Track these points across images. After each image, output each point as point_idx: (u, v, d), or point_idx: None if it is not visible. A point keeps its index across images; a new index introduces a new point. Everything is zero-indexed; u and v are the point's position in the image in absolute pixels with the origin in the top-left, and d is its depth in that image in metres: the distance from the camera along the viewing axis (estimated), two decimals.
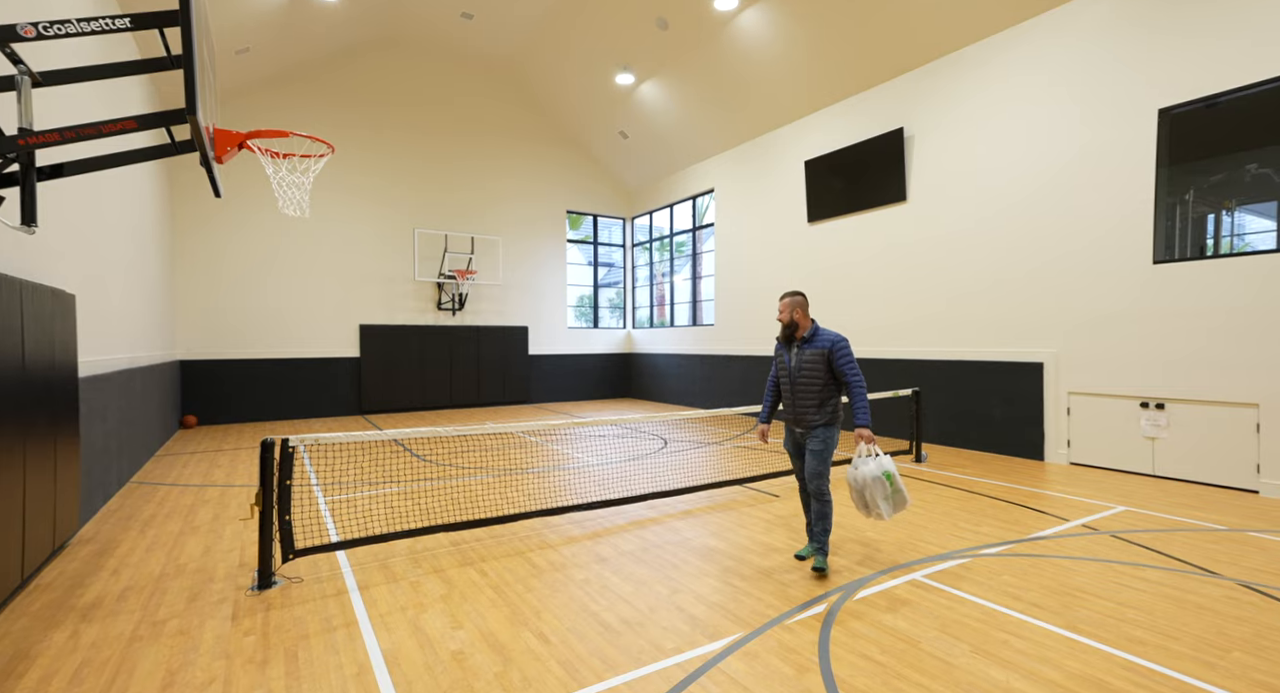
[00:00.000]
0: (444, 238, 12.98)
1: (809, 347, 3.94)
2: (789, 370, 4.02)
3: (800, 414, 3.95)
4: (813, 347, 3.93)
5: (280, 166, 3.56)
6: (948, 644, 2.89)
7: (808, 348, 3.94)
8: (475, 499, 5.55)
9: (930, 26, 8.02)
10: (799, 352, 3.97)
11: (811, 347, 3.93)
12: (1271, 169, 6.32)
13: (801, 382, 3.93)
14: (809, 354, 3.92)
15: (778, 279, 11.06)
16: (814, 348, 3.92)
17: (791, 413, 4.02)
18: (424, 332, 12.90)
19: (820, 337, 3.93)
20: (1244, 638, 2.93)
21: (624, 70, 11.80)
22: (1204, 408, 5.96)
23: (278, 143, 3.66)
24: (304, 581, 3.67)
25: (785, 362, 4.06)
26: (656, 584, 3.67)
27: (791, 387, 3.98)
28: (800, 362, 3.95)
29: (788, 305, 4.01)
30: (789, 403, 4.03)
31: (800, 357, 3.95)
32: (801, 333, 3.96)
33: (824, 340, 3.91)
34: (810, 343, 3.95)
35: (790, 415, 4.04)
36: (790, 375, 3.99)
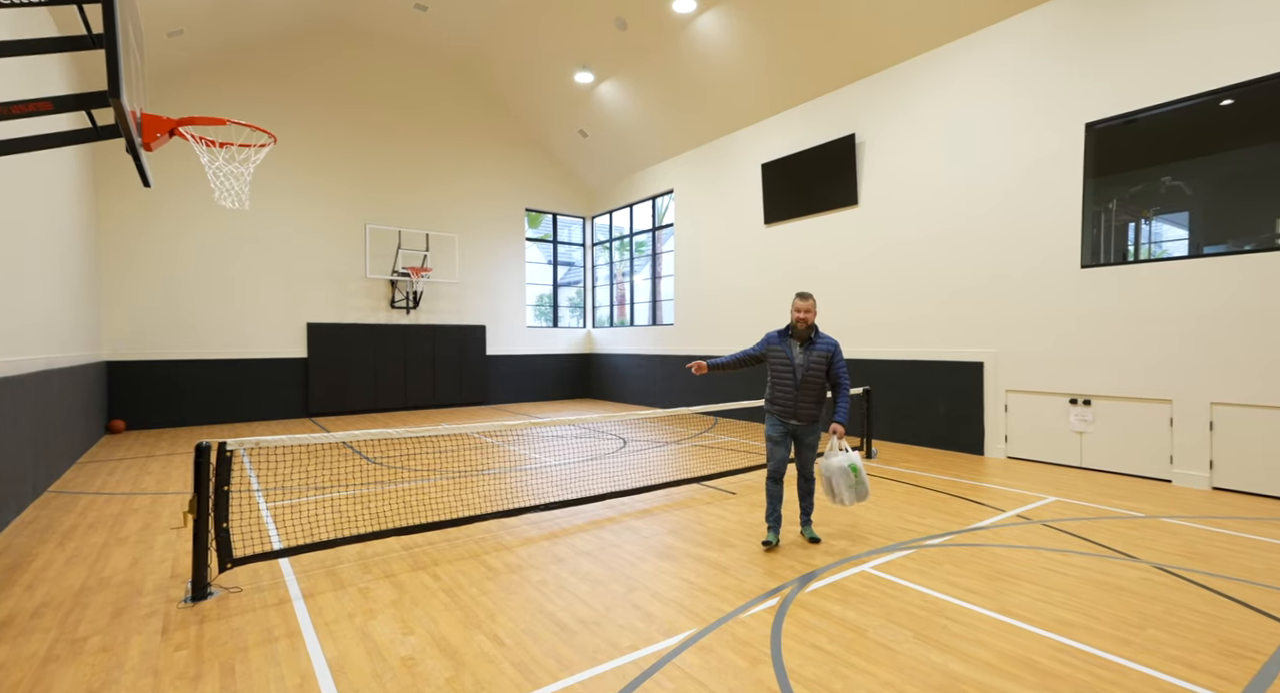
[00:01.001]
0: (397, 234, 12.61)
1: (816, 347, 4.18)
2: (792, 366, 4.17)
3: (801, 408, 4.18)
4: (819, 348, 4.18)
5: (217, 156, 3.38)
6: (892, 632, 3.00)
7: (815, 349, 4.17)
8: (429, 502, 5.42)
9: (880, 37, 8.31)
10: (807, 351, 4.17)
11: (818, 347, 4.18)
12: (1183, 182, 6.84)
13: (808, 379, 4.15)
14: (816, 355, 4.15)
15: (736, 280, 11.24)
16: (820, 349, 4.17)
17: (791, 406, 4.18)
18: (376, 331, 12.50)
19: (823, 339, 4.23)
20: (1157, 616, 3.15)
21: (583, 69, 11.76)
22: (1125, 404, 6.39)
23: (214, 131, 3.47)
24: (243, 590, 3.50)
25: (788, 356, 4.19)
26: (613, 583, 3.67)
27: (795, 382, 4.16)
28: (808, 360, 4.15)
29: (814, 307, 4.20)
30: (789, 396, 4.18)
31: (808, 356, 4.16)
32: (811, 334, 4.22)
33: (827, 343, 4.21)
34: (816, 344, 4.19)
35: (789, 408, 4.19)
36: (794, 371, 4.17)
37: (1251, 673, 2.61)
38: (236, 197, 3.61)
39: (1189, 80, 5.96)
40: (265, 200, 11.38)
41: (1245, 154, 6.61)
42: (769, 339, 4.32)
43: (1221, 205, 6.75)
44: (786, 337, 4.26)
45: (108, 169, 10.04)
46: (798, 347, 4.20)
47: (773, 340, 4.28)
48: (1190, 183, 6.80)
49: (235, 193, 3.59)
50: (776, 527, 4.28)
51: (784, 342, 4.24)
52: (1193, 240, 6.74)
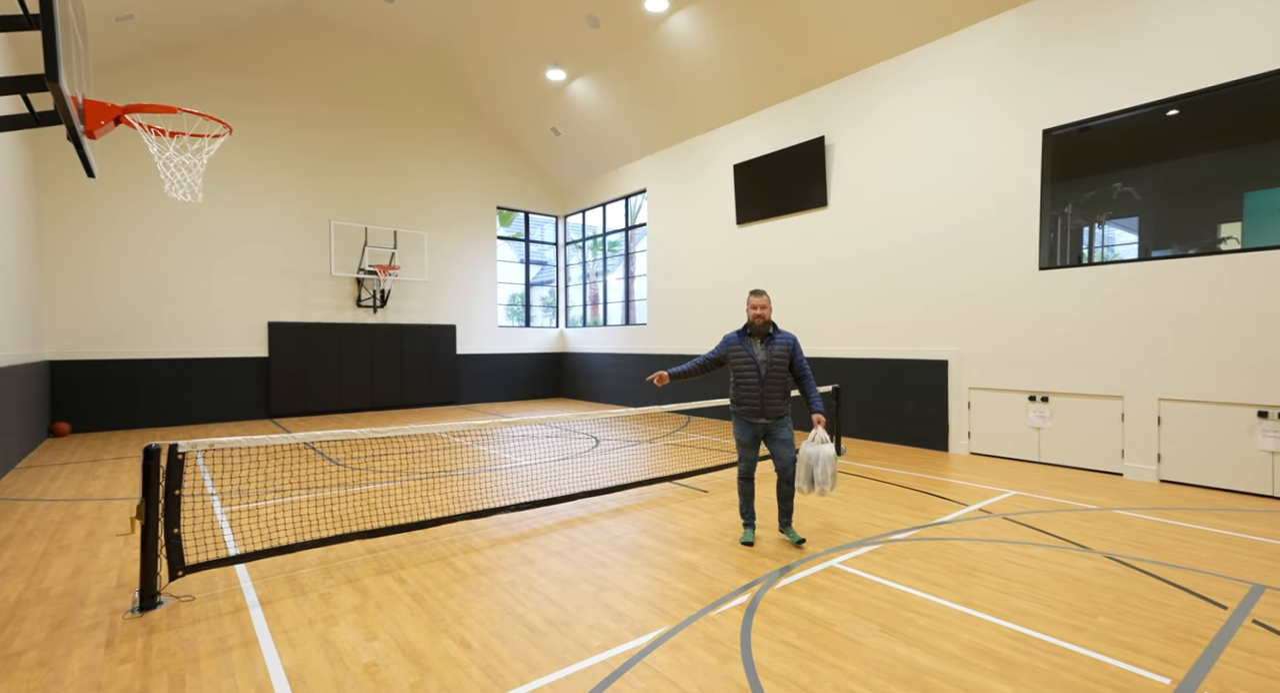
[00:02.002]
0: (364, 231, 12.30)
1: (776, 343, 4.19)
2: (757, 364, 4.15)
3: (769, 405, 4.16)
4: (778, 343, 4.19)
5: (167, 146, 3.22)
6: (859, 626, 3.04)
7: (775, 344, 4.18)
8: (396, 505, 5.29)
9: (848, 41, 8.46)
10: (768, 347, 4.17)
11: (777, 343, 4.19)
12: (1133, 188, 7.14)
13: (772, 376, 4.15)
14: (777, 350, 4.16)
15: (709, 280, 11.30)
16: (780, 344, 4.19)
17: (759, 404, 4.16)
18: (342, 330, 12.17)
19: (782, 334, 4.24)
20: (1108, 604, 3.27)
21: (555, 66, 11.66)
22: (1080, 400, 6.64)
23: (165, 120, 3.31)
24: (195, 599, 3.36)
25: (750, 355, 4.17)
26: (584, 583, 3.63)
27: (761, 380, 4.14)
28: (770, 357, 4.15)
29: (768, 303, 4.20)
30: (755, 395, 4.15)
31: (770, 352, 4.16)
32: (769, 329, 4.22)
33: (786, 337, 4.23)
34: (775, 339, 4.20)
35: (757, 407, 4.17)
36: (759, 369, 4.15)
37: (1195, 656, 2.73)
38: (189, 188, 3.45)
39: (1138, 91, 6.22)
40: (222, 194, 10.97)
41: (1190, 163, 6.93)
42: (728, 341, 4.31)
43: (1168, 211, 7.07)
44: (745, 336, 4.25)
45: (49, 158, 9.53)
46: (758, 344, 4.21)
47: (732, 341, 4.28)
48: (1140, 189, 7.10)
49: (187, 185, 3.43)
50: (753, 523, 4.34)
51: (744, 341, 4.24)
52: (1142, 244, 7.05)
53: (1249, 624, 3.03)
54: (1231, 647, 2.81)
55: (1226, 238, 6.77)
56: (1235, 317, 5.62)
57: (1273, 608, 3.22)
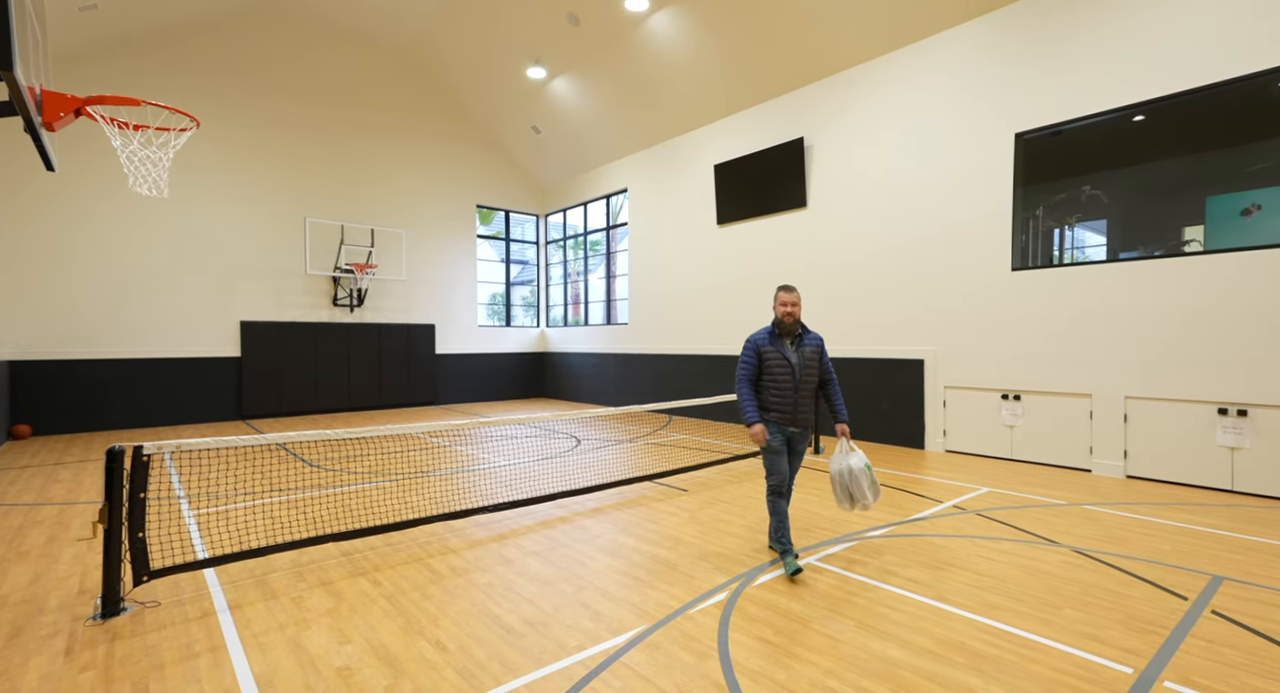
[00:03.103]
0: (340, 229, 12.09)
1: (806, 343, 3.85)
2: (792, 367, 3.77)
3: (801, 413, 3.81)
4: (809, 343, 3.85)
5: (131, 139, 3.12)
6: (835, 622, 3.07)
7: (806, 345, 3.84)
8: (371, 506, 5.21)
9: (827, 43, 8.55)
10: (799, 348, 3.82)
11: (808, 343, 3.85)
12: (1101, 191, 7.33)
13: (806, 380, 3.81)
14: (808, 351, 3.83)
15: (690, 280, 11.33)
16: (810, 344, 3.85)
17: (792, 412, 3.79)
18: (317, 329, 11.95)
19: (810, 333, 3.91)
20: (1074, 596, 3.36)
21: (535, 64, 11.59)
22: (1050, 399, 6.80)
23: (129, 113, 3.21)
24: (161, 605, 3.27)
25: (784, 357, 3.78)
26: (562, 583, 3.62)
27: (795, 385, 3.77)
28: (803, 359, 3.80)
29: (800, 299, 3.83)
30: (789, 401, 3.78)
31: (802, 354, 3.81)
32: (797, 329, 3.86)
33: (815, 338, 3.90)
34: (805, 339, 3.86)
35: (789, 413, 3.80)
36: (794, 373, 3.77)
37: (1156, 646, 2.81)
38: (154, 183, 3.35)
39: (1106, 96, 6.39)
40: (191, 191, 10.70)
41: (1155, 167, 7.14)
42: (756, 342, 3.85)
43: (1135, 214, 7.27)
44: (775, 336, 3.84)
45: (6, 153, 9.21)
46: (788, 345, 3.82)
47: (762, 342, 3.83)
48: (1108, 192, 7.29)
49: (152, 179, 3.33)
50: (791, 547, 3.77)
51: (775, 342, 3.82)
52: (1110, 246, 7.24)
53: (1208, 615, 3.13)
54: (1191, 636, 2.89)
55: (1190, 241, 7.00)
56: (1197, 317, 5.80)
57: (1231, 599, 3.33)
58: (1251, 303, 5.51)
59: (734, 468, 6.79)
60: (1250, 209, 6.29)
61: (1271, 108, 6.01)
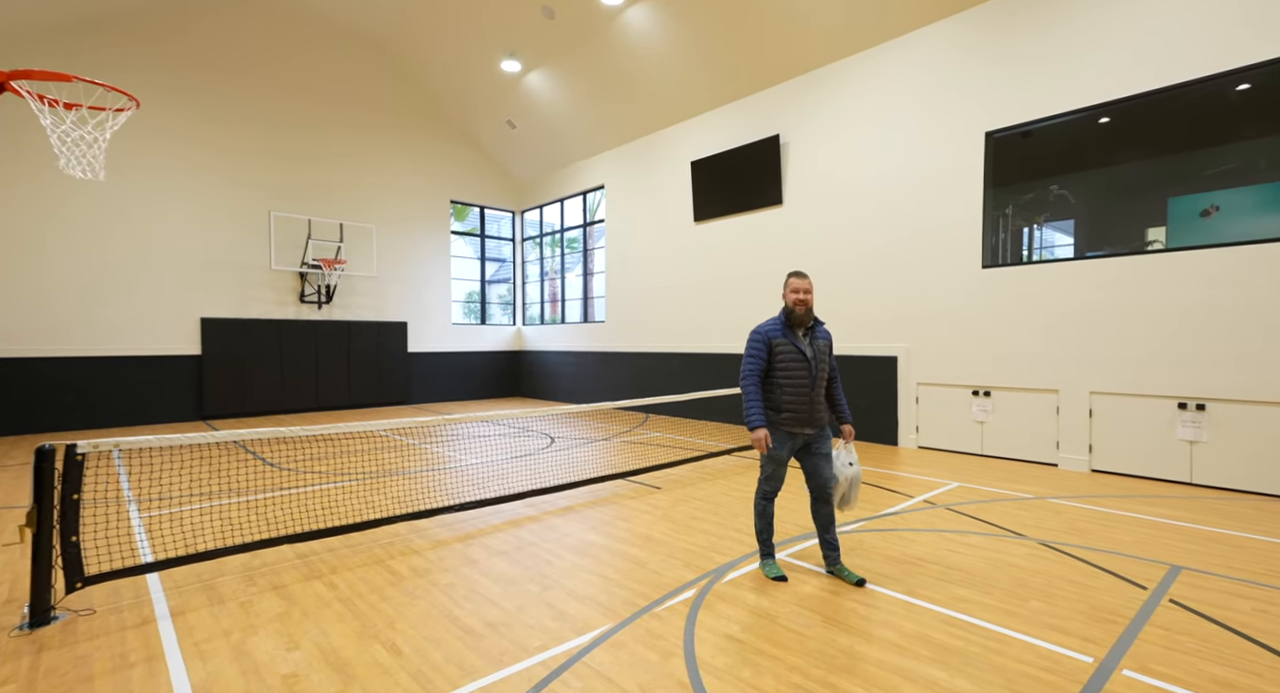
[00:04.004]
0: (307, 223, 11.76)
1: (819, 336, 3.48)
2: (808, 361, 3.39)
3: (816, 413, 3.43)
4: (821, 336, 3.49)
5: (64, 118, 2.93)
6: (803, 618, 3.03)
7: (818, 337, 3.48)
8: (333, 507, 5.04)
9: (801, 41, 8.57)
10: (812, 341, 3.44)
11: (820, 336, 3.48)
12: (1068, 191, 7.47)
13: (821, 375, 3.44)
14: (822, 343, 3.47)
15: (668, 277, 11.28)
16: (822, 337, 3.49)
17: (808, 412, 3.41)
18: (283, 326, 11.61)
19: (821, 325, 3.54)
20: (1039, 588, 3.37)
21: (510, 57, 11.43)
22: (1019, 394, 6.90)
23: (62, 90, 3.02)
24: (97, 613, 3.08)
25: (798, 350, 3.39)
26: (527, 583, 3.52)
27: (812, 381, 3.39)
28: (817, 352, 3.42)
29: (811, 286, 3.45)
30: (804, 401, 3.38)
31: (815, 346, 3.43)
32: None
33: (825, 330, 3.54)
34: (817, 332, 3.49)
35: (805, 414, 3.40)
36: (810, 367, 3.39)
37: (1116, 635, 2.82)
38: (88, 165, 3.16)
39: (1073, 96, 6.50)
40: (150, 180, 10.30)
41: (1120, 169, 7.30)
42: (766, 333, 3.43)
43: (1101, 214, 7.42)
44: (786, 327, 3.44)
45: None
46: (801, 336, 3.44)
47: (773, 333, 3.41)
48: (1075, 192, 7.43)
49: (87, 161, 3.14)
50: (773, 551, 3.64)
51: (787, 333, 3.42)
52: (1077, 245, 7.38)
53: (1166, 603, 3.17)
54: (1150, 625, 2.92)
55: (1152, 241, 7.17)
56: (1159, 314, 5.93)
57: (1188, 588, 3.38)
58: (1209, 301, 5.65)
59: (708, 466, 6.74)
60: (1209, 210, 6.46)
61: (1228, 112, 6.18)
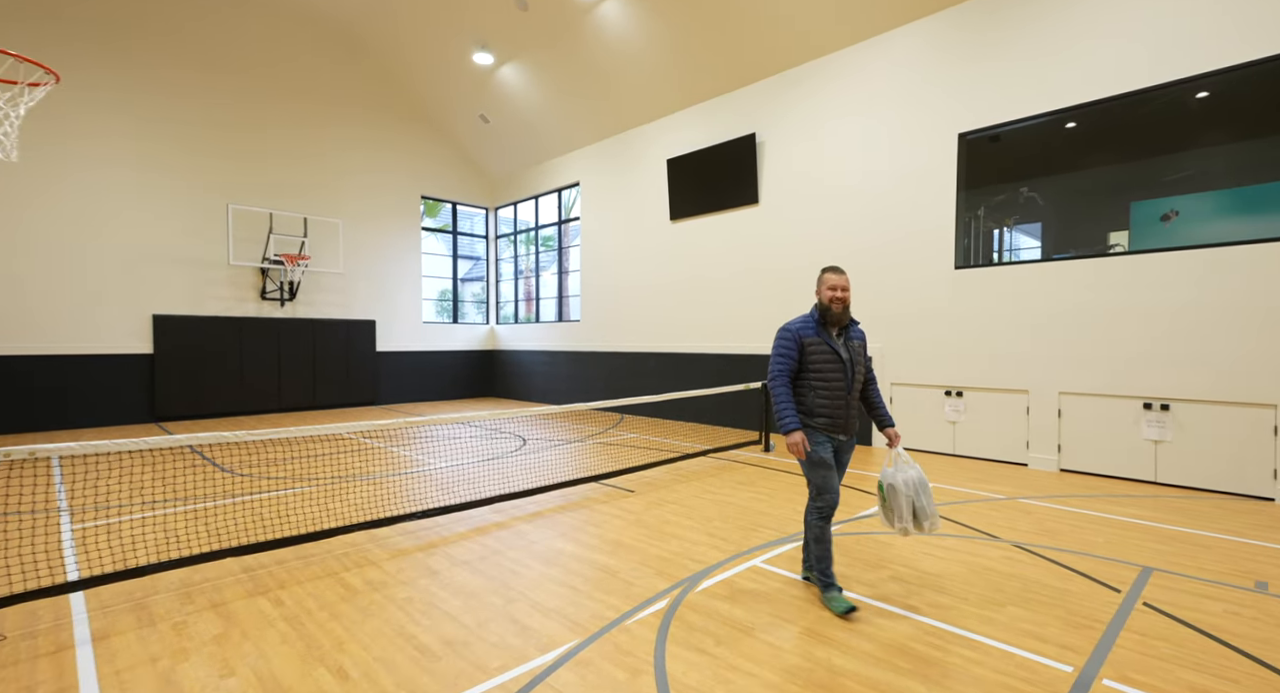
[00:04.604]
0: (268, 217, 11.29)
1: (854, 336, 3.25)
2: (844, 363, 3.17)
3: (850, 419, 3.20)
4: (855, 336, 3.26)
5: None
6: (779, 629, 2.92)
7: (853, 337, 3.25)
8: (288, 515, 4.76)
9: (778, 39, 8.51)
10: (847, 341, 3.22)
11: (854, 336, 3.25)
12: (1038, 194, 7.55)
13: (857, 379, 3.21)
14: (857, 345, 3.24)
15: (644, 276, 11.14)
16: (857, 337, 3.26)
17: (843, 417, 3.17)
18: (243, 325, 11.12)
19: (856, 324, 3.31)
20: (1016, 592, 3.32)
21: (482, 49, 11.15)
22: (990, 395, 6.94)
23: None
24: (7, 639, 2.80)
25: (832, 351, 3.15)
26: (490, 596, 3.33)
27: (849, 384, 3.16)
28: (852, 353, 3.20)
29: (849, 282, 3.22)
30: (841, 404, 3.15)
31: (850, 347, 3.20)
32: None
33: (860, 330, 3.32)
34: (851, 331, 3.26)
35: (841, 418, 3.17)
36: (847, 370, 3.17)
37: (1094, 642, 2.77)
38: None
39: (1042, 99, 6.55)
40: (96, 168, 9.75)
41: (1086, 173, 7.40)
42: (798, 332, 3.18)
43: (1068, 216, 7.53)
44: (820, 325, 3.20)
45: None
46: (836, 336, 3.21)
47: (805, 332, 3.17)
48: (1043, 195, 7.53)
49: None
50: (835, 579, 3.17)
51: (821, 332, 3.18)
52: (1045, 247, 7.47)
53: (1140, 607, 3.14)
54: (1126, 631, 2.88)
55: (1115, 245, 7.29)
56: (1123, 315, 6.01)
57: (1160, 590, 3.37)
58: (1171, 302, 5.74)
59: (683, 467, 6.62)
60: (1169, 215, 6.59)
61: (1187, 118, 6.31)
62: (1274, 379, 5.21)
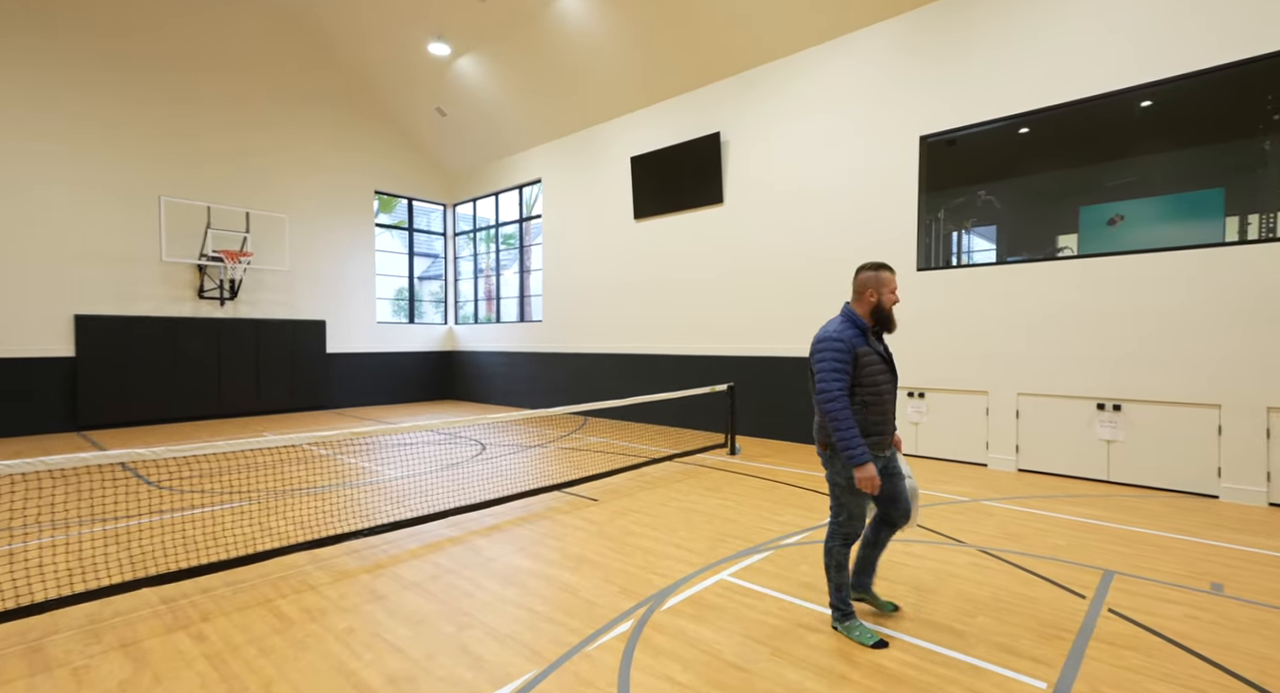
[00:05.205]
0: (205, 211, 10.58)
1: (884, 341, 3.00)
2: (891, 371, 2.91)
3: (890, 427, 2.92)
4: (884, 341, 3.01)
5: None
6: (749, 650, 2.78)
7: (884, 342, 3.00)
8: (220, 535, 4.37)
9: (743, 37, 8.44)
10: (885, 346, 2.97)
11: (884, 341, 3.01)
12: (994, 197, 7.69)
13: (896, 384, 2.98)
14: (888, 351, 2.98)
15: (607, 276, 10.93)
16: (885, 343, 3.00)
17: (886, 427, 2.89)
18: (179, 325, 10.40)
19: None
20: (985, 602, 3.28)
21: (438, 39, 10.72)
22: (952, 396, 7.02)
23: None
24: None
25: (882, 360, 2.89)
26: (442, 622, 3.09)
27: (893, 392, 2.93)
28: (889, 358, 2.96)
29: (895, 279, 2.94)
30: (888, 418, 2.89)
31: (887, 352, 2.96)
32: None
33: None
34: (883, 335, 3.01)
35: (888, 435, 2.92)
36: (894, 378, 2.92)
37: (1064, 653, 2.73)
38: None
39: (999, 104, 6.65)
40: (11, 161, 8.92)
41: (1040, 178, 7.58)
42: (849, 339, 2.81)
43: (1022, 220, 7.70)
44: (866, 330, 2.89)
45: None
46: (877, 340, 2.93)
47: (855, 340, 2.82)
48: (1000, 198, 7.67)
49: None
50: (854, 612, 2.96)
51: (869, 339, 2.88)
52: (1000, 250, 7.63)
53: (1106, 614, 3.13)
54: (1095, 640, 2.86)
55: (1064, 247, 7.50)
56: (1076, 317, 6.15)
57: (1123, 594, 3.38)
58: (1120, 304, 5.90)
59: (648, 473, 6.46)
60: (1115, 219, 6.80)
61: (1132, 126, 6.51)
62: (1218, 380, 5.40)
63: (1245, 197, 6.21)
